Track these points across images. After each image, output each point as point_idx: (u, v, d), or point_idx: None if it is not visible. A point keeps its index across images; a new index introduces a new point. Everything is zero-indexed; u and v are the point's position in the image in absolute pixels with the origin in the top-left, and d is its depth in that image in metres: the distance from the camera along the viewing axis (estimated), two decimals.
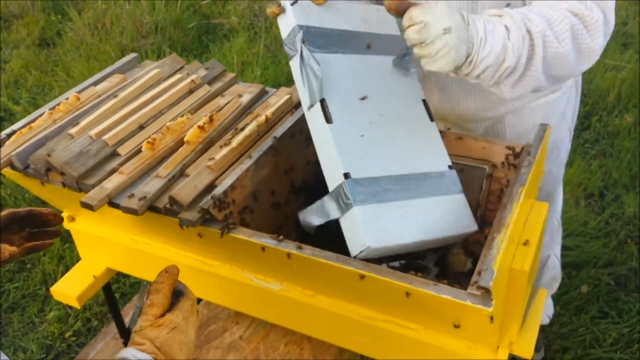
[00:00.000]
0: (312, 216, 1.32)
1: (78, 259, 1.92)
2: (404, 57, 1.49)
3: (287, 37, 1.36)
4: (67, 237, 2.91)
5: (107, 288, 1.94)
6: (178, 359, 1.00)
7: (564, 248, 2.39)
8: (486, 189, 1.54)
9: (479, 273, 1.14)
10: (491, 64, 1.26)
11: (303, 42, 1.33)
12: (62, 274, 2.39)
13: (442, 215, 1.41)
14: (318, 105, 1.32)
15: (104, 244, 1.76)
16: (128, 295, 2.69)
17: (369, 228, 1.25)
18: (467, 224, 1.47)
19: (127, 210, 1.36)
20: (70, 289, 1.81)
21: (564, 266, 2.39)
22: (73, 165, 1.43)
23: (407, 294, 1.19)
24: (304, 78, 1.33)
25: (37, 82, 4.28)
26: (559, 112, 1.77)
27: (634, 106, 3.54)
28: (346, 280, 1.26)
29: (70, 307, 2.67)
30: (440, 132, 1.53)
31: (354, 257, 1.25)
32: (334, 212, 1.28)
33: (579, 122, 3.36)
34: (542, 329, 2.33)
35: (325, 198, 1.30)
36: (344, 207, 1.26)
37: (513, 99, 1.56)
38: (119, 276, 2.72)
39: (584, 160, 3.20)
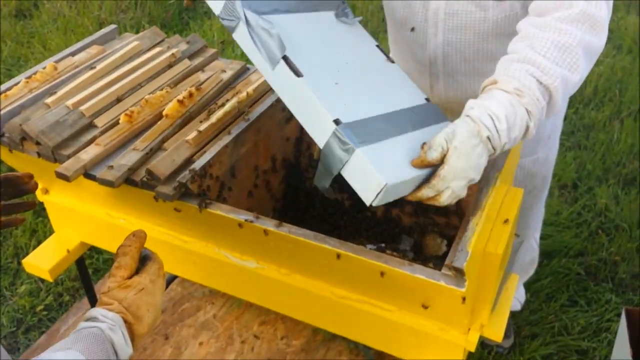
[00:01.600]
0: (322, 179, 1.19)
1: (51, 233, 1.90)
2: (343, 10, 1.44)
3: (223, 11, 1.25)
4: (39, 211, 2.86)
5: (80, 262, 1.92)
6: (145, 319, 1.01)
7: None
8: None
9: (454, 254, 1.15)
10: (516, 137, 1.23)
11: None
12: (35, 248, 2.35)
13: None
14: (282, 64, 1.21)
15: (78, 218, 1.74)
16: (101, 272, 2.67)
17: (381, 165, 1.13)
18: None
19: (103, 182, 1.34)
20: (42, 261, 1.78)
21: None
22: (49, 135, 1.40)
23: (382, 273, 1.20)
24: (256, 42, 1.23)
25: (13, 54, 4.18)
26: None
27: (609, 100, 3.59)
28: (323, 259, 1.26)
29: (42, 281, 2.64)
30: None
31: (370, 205, 1.13)
32: (336, 165, 1.15)
33: None
34: (513, 315, 2.37)
35: (321, 156, 1.18)
36: (345, 154, 1.14)
37: None
38: (92, 252, 2.69)
39: (559, 152, 3.23)
